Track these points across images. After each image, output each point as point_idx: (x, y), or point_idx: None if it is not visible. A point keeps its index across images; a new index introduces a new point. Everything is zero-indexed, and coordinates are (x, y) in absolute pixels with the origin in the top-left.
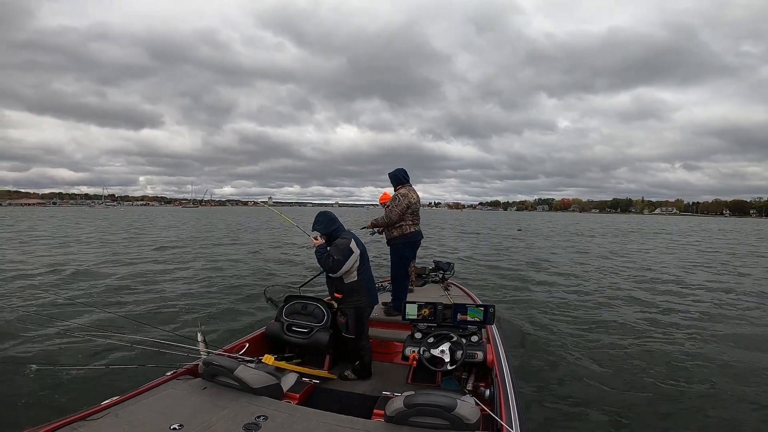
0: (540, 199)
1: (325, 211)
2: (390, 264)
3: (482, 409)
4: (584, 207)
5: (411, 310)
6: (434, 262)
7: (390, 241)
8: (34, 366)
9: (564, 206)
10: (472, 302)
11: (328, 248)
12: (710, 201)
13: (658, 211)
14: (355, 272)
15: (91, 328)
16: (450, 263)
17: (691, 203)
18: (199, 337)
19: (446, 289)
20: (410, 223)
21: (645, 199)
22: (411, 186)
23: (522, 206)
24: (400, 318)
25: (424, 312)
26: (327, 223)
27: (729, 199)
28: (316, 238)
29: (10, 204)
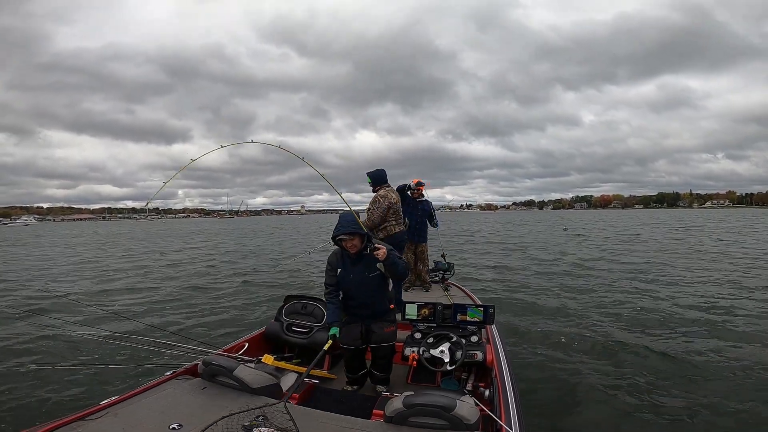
0: (577, 196)
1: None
2: None
3: (482, 410)
4: (627, 203)
5: (410, 310)
6: (434, 262)
7: None
8: (32, 365)
9: (604, 203)
10: (471, 302)
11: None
12: (765, 192)
13: (708, 204)
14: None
15: (91, 328)
16: (450, 263)
17: (744, 194)
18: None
19: (446, 289)
20: (394, 223)
21: (693, 192)
22: (390, 186)
23: (559, 204)
24: (399, 318)
25: (424, 312)
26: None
27: None
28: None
29: (63, 219)
